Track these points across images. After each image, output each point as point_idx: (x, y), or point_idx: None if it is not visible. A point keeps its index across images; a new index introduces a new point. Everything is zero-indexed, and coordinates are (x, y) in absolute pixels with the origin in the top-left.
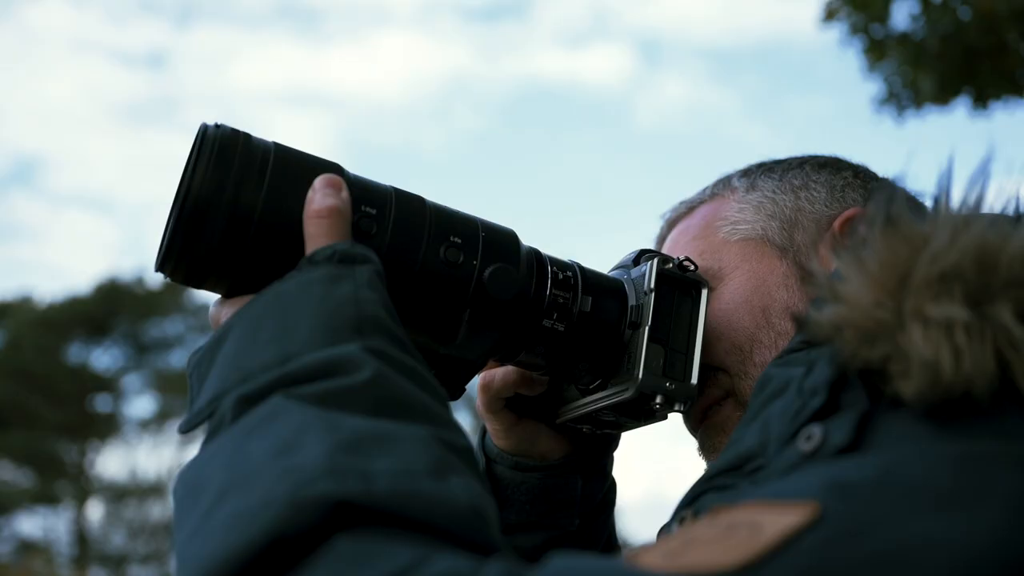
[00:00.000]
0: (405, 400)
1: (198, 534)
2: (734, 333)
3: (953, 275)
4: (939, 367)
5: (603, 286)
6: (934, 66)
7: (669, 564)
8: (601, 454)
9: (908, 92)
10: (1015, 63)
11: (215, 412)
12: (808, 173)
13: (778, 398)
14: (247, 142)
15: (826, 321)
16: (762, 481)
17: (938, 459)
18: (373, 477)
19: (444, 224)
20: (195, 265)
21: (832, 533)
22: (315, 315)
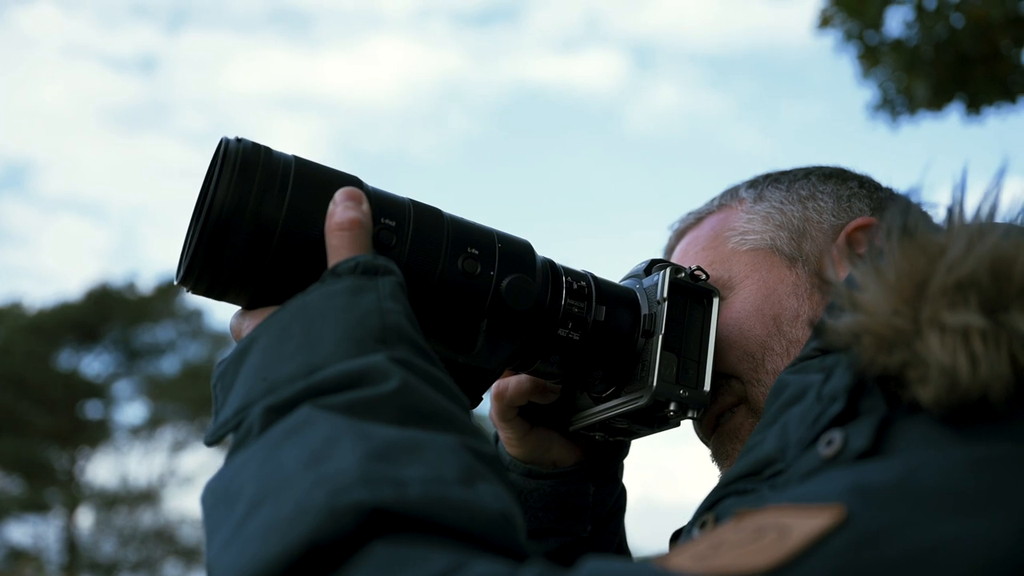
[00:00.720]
0: (432, 409)
1: (233, 543)
2: (746, 341)
3: (969, 284)
4: (956, 373)
5: (617, 296)
6: (928, 72)
7: (700, 567)
8: (612, 461)
9: (902, 98)
10: (1007, 69)
11: (242, 423)
12: (815, 184)
13: (796, 404)
14: (268, 155)
15: (845, 329)
16: (782, 485)
17: (958, 463)
18: (406, 484)
19: (462, 235)
20: (217, 277)
21: (859, 535)
22: (340, 326)
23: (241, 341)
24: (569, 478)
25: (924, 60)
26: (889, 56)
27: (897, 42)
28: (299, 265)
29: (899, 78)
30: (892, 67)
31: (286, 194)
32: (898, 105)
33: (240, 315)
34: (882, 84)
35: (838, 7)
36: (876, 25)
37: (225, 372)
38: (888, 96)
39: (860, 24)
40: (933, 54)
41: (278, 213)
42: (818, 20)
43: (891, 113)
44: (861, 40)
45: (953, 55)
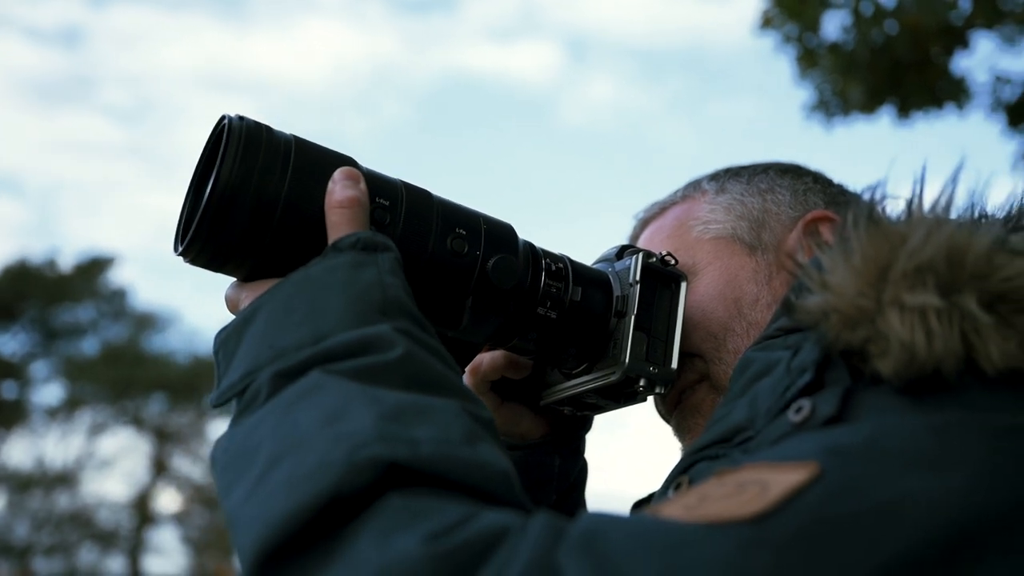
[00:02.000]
0: (434, 376)
1: (255, 495)
2: (709, 322)
3: (927, 268)
4: (914, 347)
5: (591, 277)
6: (863, 76)
7: (691, 516)
8: (577, 434)
9: (837, 100)
10: (937, 76)
11: (249, 387)
12: (773, 178)
13: (765, 377)
14: (270, 134)
15: (815, 307)
16: (753, 450)
17: (917, 427)
18: (418, 443)
19: (450, 216)
20: (219, 251)
21: (832, 489)
22: (344, 297)
23: (244, 310)
24: (536, 450)
25: (860, 64)
26: (826, 59)
27: (834, 46)
28: (298, 240)
29: (835, 81)
30: (828, 70)
31: (288, 172)
32: (833, 107)
33: (237, 286)
34: (818, 86)
35: (779, 9)
36: (814, 28)
37: (228, 339)
38: (824, 98)
39: (800, 27)
40: (868, 59)
41: (280, 190)
42: (761, 21)
43: (826, 114)
44: (800, 42)
45: (887, 60)
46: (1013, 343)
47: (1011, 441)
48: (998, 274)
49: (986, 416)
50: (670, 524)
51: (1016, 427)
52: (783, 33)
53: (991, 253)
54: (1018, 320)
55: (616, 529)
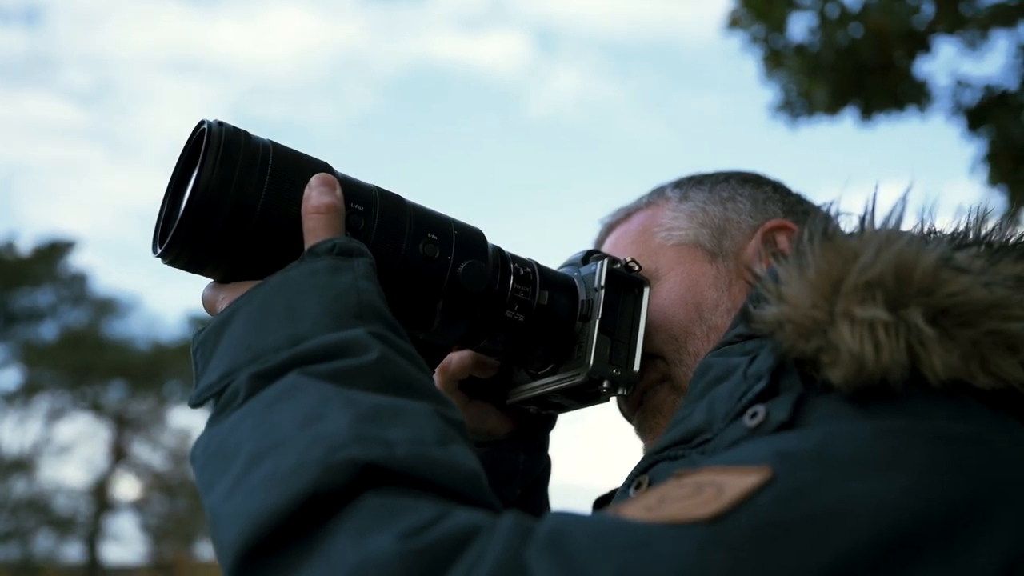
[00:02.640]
0: (407, 379)
1: (236, 493)
2: (670, 325)
3: (876, 284)
4: (863, 358)
5: (558, 282)
6: (827, 78)
7: (651, 516)
8: (541, 432)
9: (802, 101)
10: (899, 79)
11: (227, 387)
12: (734, 187)
13: (723, 382)
14: (248, 139)
15: (771, 317)
16: (710, 452)
17: (864, 433)
18: (393, 444)
19: (422, 221)
20: (197, 253)
21: (783, 491)
22: (320, 301)
23: (222, 312)
24: (502, 447)
25: (824, 66)
26: (792, 60)
27: (800, 47)
28: (275, 243)
29: (800, 82)
30: (794, 71)
31: (266, 176)
32: (798, 107)
33: (214, 288)
34: (784, 86)
35: (746, 9)
36: (781, 29)
37: (206, 340)
38: (789, 98)
39: (766, 28)
40: (833, 61)
41: (258, 194)
42: (728, 21)
43: (791, 114)
44: (766, 43)
45: (851, 63)
46: (955, 355)
47: (950, 447)
48: (943, 290)
49: (928, 424)
50: (632, 524)
51: (955, 434)
52: (750, 34)
53: (937, 270)
54: (961, 334)
55: (581, 529)
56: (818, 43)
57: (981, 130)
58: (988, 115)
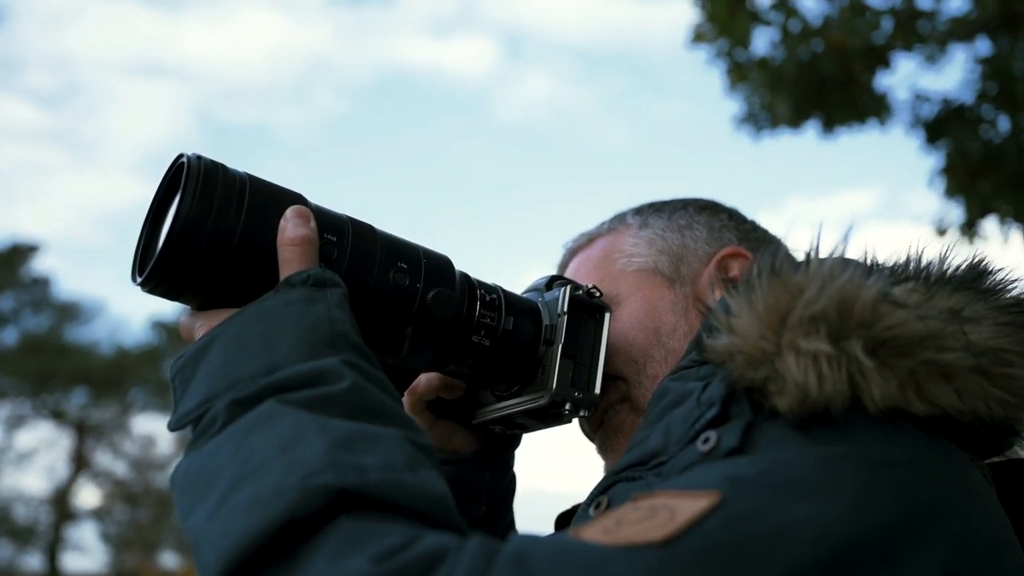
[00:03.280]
0: (378, 406)
1: (216, 517)
2: (630, 348)
3: (820, 317)
4: (807, 387)
5: (522, 307)
6: (789, 91)
7: (608, 539)
8: (506, 450)
9: (765, 113)
10: (860, 93)
11: (205, 413)
12: (692, 215)
13: (678, 407)
14: (225, 172)
15: (722, 348)
16: (666, 474)
17: (806, 460)
18: (366, 470)
19: (393, 250)
20: (177, 282)
21: (732, 514)
22: (295, 331)
23: (200, 339)
24: (468, 465)
25: (787, 80)
26: (755, 73)
27: (763, 61)
28: (252, 272)
29: (763, 95)
30: (757, 84)
31: (243, 208)
32: (761, 120)
33: (192, 315)
34: (747, 99)
35: (711, 23)
36: (744, 43)
37: (184, 367)
38: (752, 110)
39: (730, 42)
40: (795, 75)
41: (236, 225)
42: (692, 36)
43: (754, 126)
44: (730, 57)
45: (813, 77)
46: (893, 384)
47: (886, 471)
48: (881, 323)
49: (867, 450)
50: (590, 547)
51: (892, 459)
52: (715, 47)
53: (876, 304)
54: (898, 364)
55: (543, 550)
56: (780, 57)
57: (939, 143)
58: (946, 128)
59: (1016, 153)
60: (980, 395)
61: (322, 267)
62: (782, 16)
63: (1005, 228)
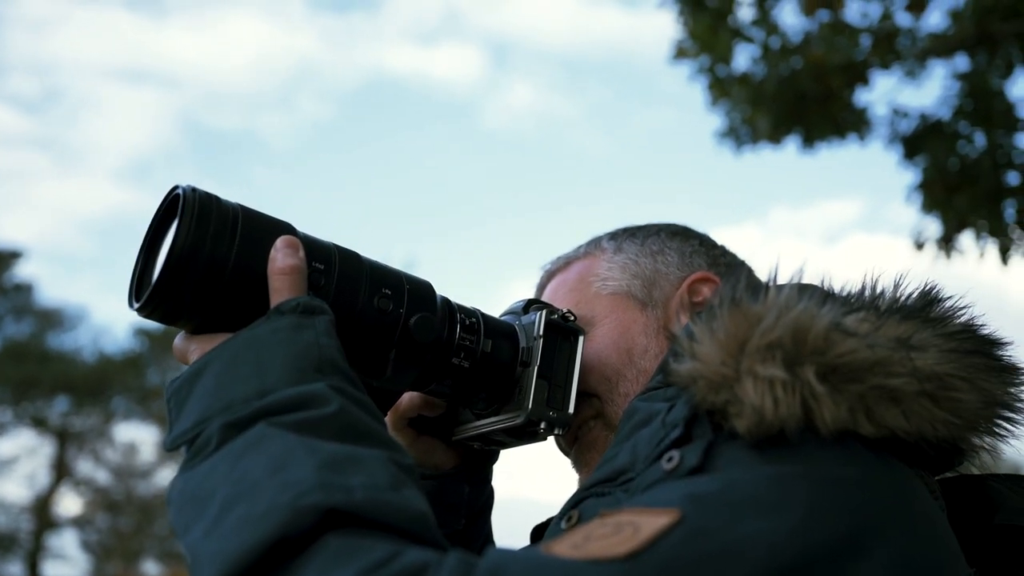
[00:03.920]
0: (363, 428)
1: (212, 534)
2: (604, 368)
3: (776, 345)
4: (763, 411)
5: (500, 330)
6: (770, 107)
7: (577, 554)
8: (485, 466)
9: (746, 128)
10: (840, 109)
11: (200, 434)
12: (664, 240)
13: (645, 427)
14: (219, 204)
15: (685, 372)
16: (633, 490)
17: (761, 478)
18: (352, 490)
19: (377, 278)
20: (173, 308)
21: (691, 530)
22: (285, 357)
23: (195, 363)
24: (448, 479)
25: (767, 95)
26: (736, 89)
27: (744, 76)
28: (244, 299)
29: (744, 110)
30: (738, 100)
31: (236, 239)
32: (742, 135)
33: (186, 338)
34: (728, 114)
35: (693, 40)
36: (726, 59)
37: (179, 389)
38: (733, 125)
39: (712, 58)
40: (775, 91)
41: (229, 255)
42: (674, 52)
43: (736, 141)
44: (711, 72)
45: (792, 93)
46: (843, 408)
47: (835, 489)
48: (833, 351)
49: (818, 469)
50: (560, 561)
51: (841, 478)
52: (697, 63)
53: (828, 333)
54: (848, 389)
55: (516, 564)
56: (761, 73)
57: (917, 158)
58: (923, 144)
59: (992, 169)
60: (926, 417)
61: (310, 295)
62: (763, 33)
63: (981, 243)
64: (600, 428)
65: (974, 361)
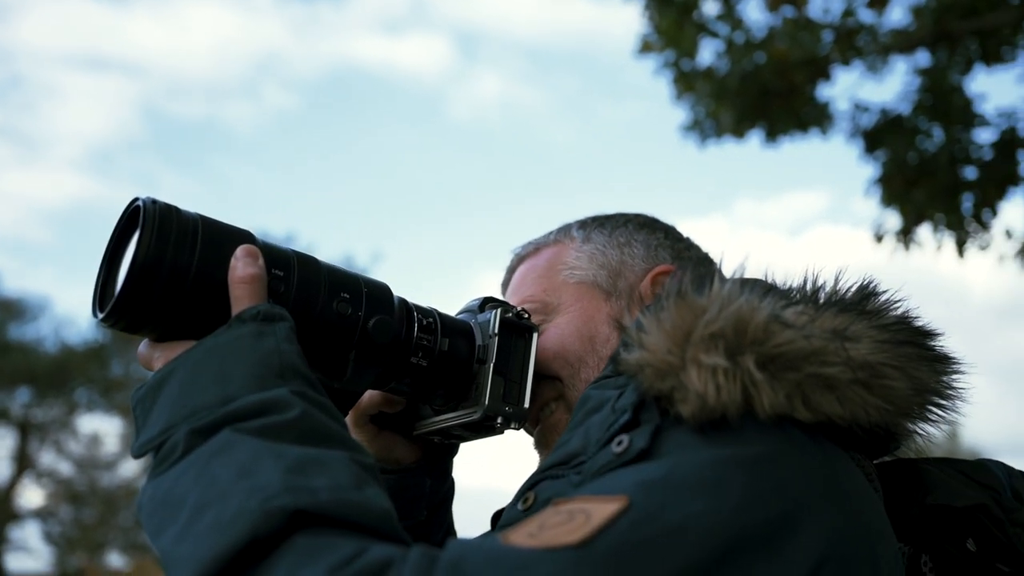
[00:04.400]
0: (325, 431)
1: (185, 538)
2: (567, 353)
3: (719, 335)
4: (706, 397)
5: (457, 329)
6: (733, 101)
7: (532, 543)
8: (445, 459)
9: (710, 122)
10: (802, 103)
11: (166, 441)
12: (631, 232)
13: (596, 413)
14: (179, 215)
15: (634, 361)
16: (585, 472)
17: (703, 461)
18: (317, 492)
19: (336, 281)
20: (137, 318)
21: (638, 516)
22: (247, 364)
23: (159, 371)
24: (410, 473)
25: (730, 90)
26: (701, 83)
27: (708, 71)
28: (206, 307)
29: (708, 104)
30: (702, 93)
31: (196, 248)
32: (706, 128)
33: (151, 346)
34: (693, 108)
35: (658, 34)
36: (691, 54)
37: (144, 397)
38: (698, 119)
39: (677, 52)
40: (738, 85)
41: (190, 264)
42: (640, 46)
43: (700, 134)
44: (676, 67)
45: (756, 87)
46: (781, 395)
47: (772, 470)
48: (771, 341)
49: (755, 451)
50: (516, 550)
51: (777, 460)
52: (662, 58)
53: (767, 324)
54: (785, 376)
55: (475, 555)
56: (725, 67)
57: (877, 152)
58: (883, 138)
59: (949, 163)
60: (860, 403)
61: (270, 302)
62: (728, 28)
63: (938, 235)
64: (562, 411)
65: (906, 351)
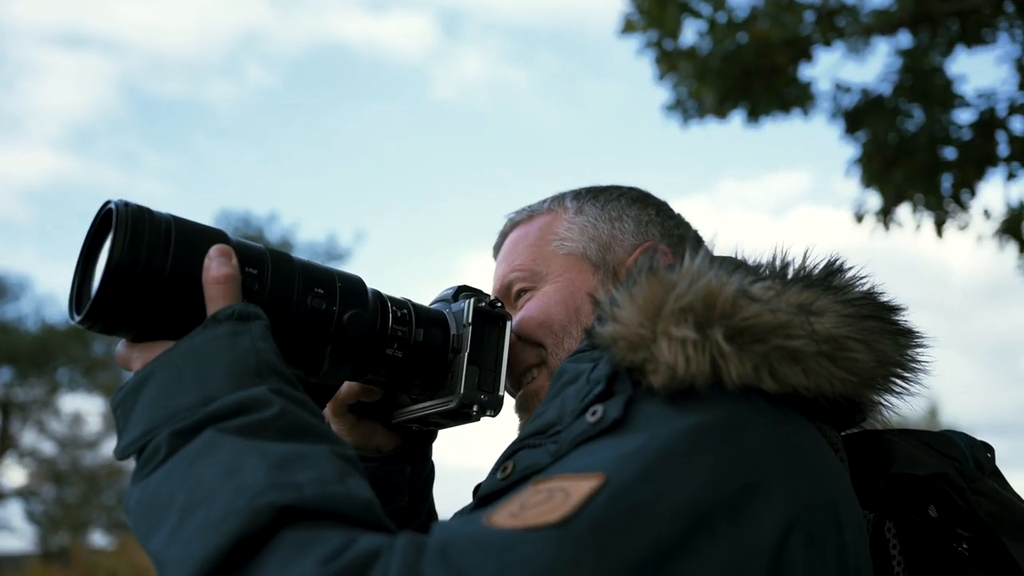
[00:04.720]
0: (305, 427)
1: (175, 540)
2: (552, 321)
3: (688, 309)
4: (676, 368)
5: (431, 319)
6: (715, 81)
7: (515, 523)
8: (424, 445)
9: (693, 102)
10: (784, 83)
11: (149, 443)
12: (623, 207)
13: (572, 384)
14: (151, 216)
15: (607, 334)
16: (561, 442)
17: (674, 431)
18: (302, 487)
19: (309, 277)
20: (114, 319)
21: (614, 491)
22: (225, 363)
23: (138, 373)
24: (390, 460)
25: (713, 70)
26: (683, 63)
27: (691, 51)
28: (181, 307)
29: (690, 84)
30: (684, 73)
31: (170, 249)
32: (689, 108)
33: (129, 346)
34: (675, 88)
35: (641, 14)
36: (674, 34)
37: (125, 400)
38: (680, 99)
39: (660, 32)
40: (720, 66)
41: (164, 265)
42: (623, 26)
43: (683, 114)
44: (659, 47)
45: (738, 68)
46: (748, 366)
47: (739, 439)
48: (739, 314)
49: (723, 420)
50: (500, 532)
51: (744, 428)
52: (645, 37)
53: (736, 298)
54: (752, 349)
55: (461, 538)
56: (707, 47)
57: (858, 133)
58: (864, 118)
59: (929, 144)
60: (824, 375)
61: (245, 302)
62: (710, 7)
63: (918, 215)
64: (544, 377)
65: (870, 325)
